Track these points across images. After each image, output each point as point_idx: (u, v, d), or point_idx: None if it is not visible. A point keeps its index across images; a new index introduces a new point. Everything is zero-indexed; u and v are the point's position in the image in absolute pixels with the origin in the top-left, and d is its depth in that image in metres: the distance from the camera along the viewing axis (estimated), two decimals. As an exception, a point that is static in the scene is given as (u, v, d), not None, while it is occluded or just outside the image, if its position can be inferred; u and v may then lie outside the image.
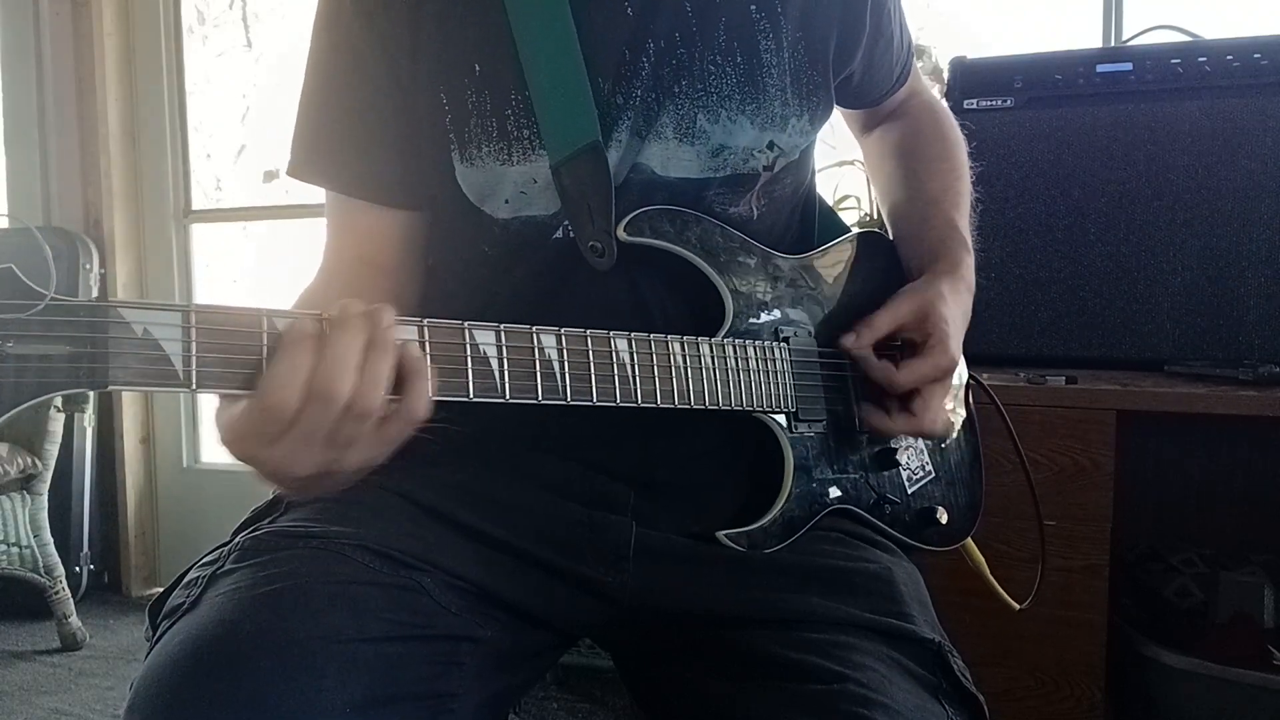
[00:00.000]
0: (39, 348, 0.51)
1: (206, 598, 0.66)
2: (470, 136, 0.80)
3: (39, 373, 0.51)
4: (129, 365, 0.53)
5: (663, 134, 0.80)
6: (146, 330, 0.54)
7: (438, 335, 0.63)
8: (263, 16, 2.97)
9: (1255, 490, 1.69)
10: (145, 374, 0.54)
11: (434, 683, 0.68)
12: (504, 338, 0.66)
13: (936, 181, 0.99)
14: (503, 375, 0.66)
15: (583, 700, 2.01)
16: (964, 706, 0.75)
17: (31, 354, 0.51)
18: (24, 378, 0.50)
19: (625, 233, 0.78)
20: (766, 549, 0.80)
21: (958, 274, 0.90)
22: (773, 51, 0.83)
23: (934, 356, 0.83)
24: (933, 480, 0.94)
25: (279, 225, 2.94)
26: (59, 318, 0.52)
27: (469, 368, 0.64)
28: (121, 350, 0.53)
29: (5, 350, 0.50)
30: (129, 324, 0.53)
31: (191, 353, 0.55)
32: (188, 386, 0.54)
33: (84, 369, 0.52)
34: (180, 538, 2.91)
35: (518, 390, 0.66)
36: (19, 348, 0.50)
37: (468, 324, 0.65)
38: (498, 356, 0.65)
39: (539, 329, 0.68)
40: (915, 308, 0.85)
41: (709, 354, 0.78)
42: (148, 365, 0.54)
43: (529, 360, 0.67)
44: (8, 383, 0.50)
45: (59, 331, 0.51)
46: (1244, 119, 1.44)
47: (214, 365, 0.55)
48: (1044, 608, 1.34)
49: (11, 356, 0.50)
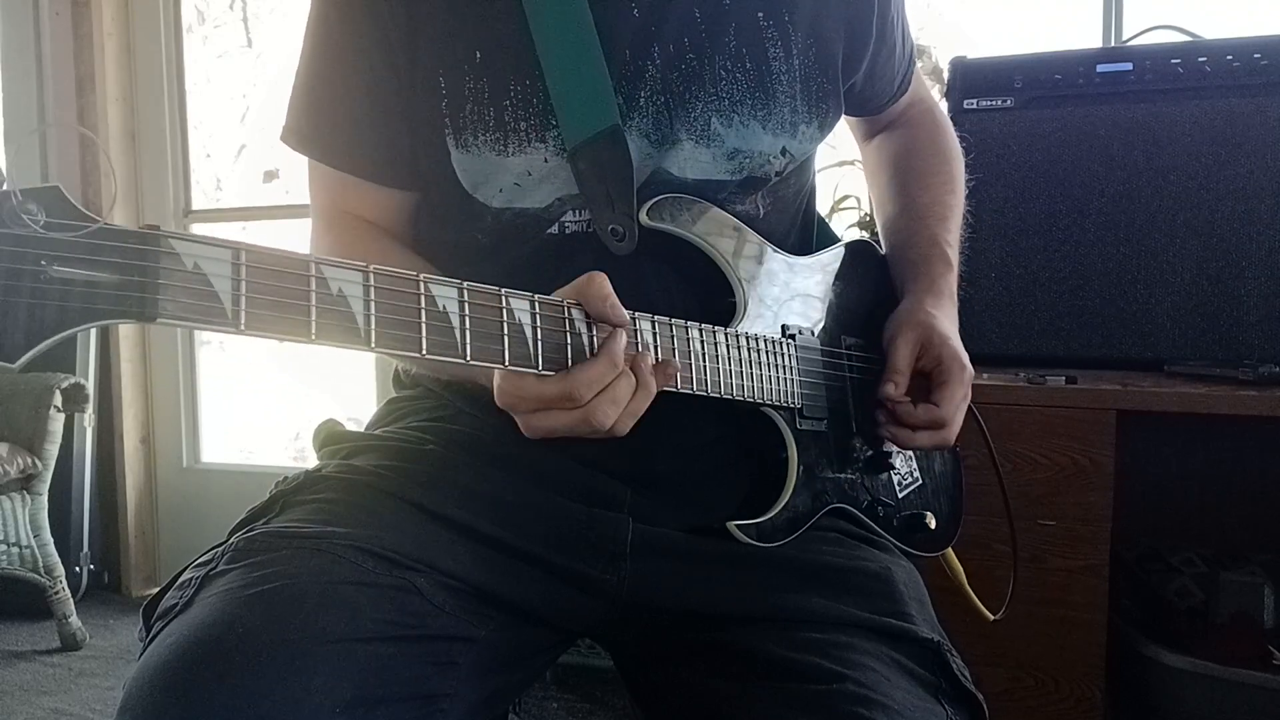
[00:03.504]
0: (85, 273, 0.48)
1: (199, 599, 0.66)
2: (465, 123, 0.80)
3: (85, 298, 0.48)
4: (178, 299, 0.51)
5: (679, 139, 0.81)
6: (197, 264, 0.52)
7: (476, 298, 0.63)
8: (263, 16, 2.98)
9: (1255, 490, 1.69)
10: (194, 310, 0.51)
11: (426, 683, 0.68)
12: (538, 307, 0.66)
13: (926, 195, 1.01)
14: (536, 345, 0.65)
15: (583, 700, 2.01)
16: (964, 706, 0.75)
17: (76, 278, 0.48)
18: (69, 302, 0.48)
19: (647, 217, 0.78)
20: (774, 542, 0.80)
21: (936, 288, 0.92)
22: (781, 59, 0.83)
23: (957, 377, 0.86)
24: (920, 487, 0.95)
25: (279, 225, 2.94)
26: (108, 242, 0.49)
27: (505, 335, 0.64)
28: (172, 282, 0.51)
29: (50, 273, 0.47)
30: (179, 255, 0.51)
31: (241, 292, 0.53)
32: (235, 327, 0.53)
33: (133, 298, 0.49)
34: (180, 538, 2.91)
35: (549, 363, 0.66)
36: (64, 270, 0.47)
37: (505, 291, 0.65)
38: (532, 325, 0.65)
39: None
40: (915, 337, 0.87)
41: (725, 343, 0.78)
42: (197, 301, 0.51)
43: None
44: (51, 305, 0.47)
45: (107, 257, 0.49)
46: (1244, 119, 1.44)
47: (262, 308, 0.54)
48: (1044, 608, 1.35)
49: (56, 280, 0.47)
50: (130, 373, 2.88)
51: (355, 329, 0.57)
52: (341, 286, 0.57)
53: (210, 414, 3.00)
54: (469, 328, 0.62)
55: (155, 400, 2.96)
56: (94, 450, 2.79)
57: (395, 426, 0.89)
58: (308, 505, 0.76)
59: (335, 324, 0.57)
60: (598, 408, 0.66)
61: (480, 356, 0.63)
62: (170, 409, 2.94)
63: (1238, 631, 1.45)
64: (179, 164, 2.90)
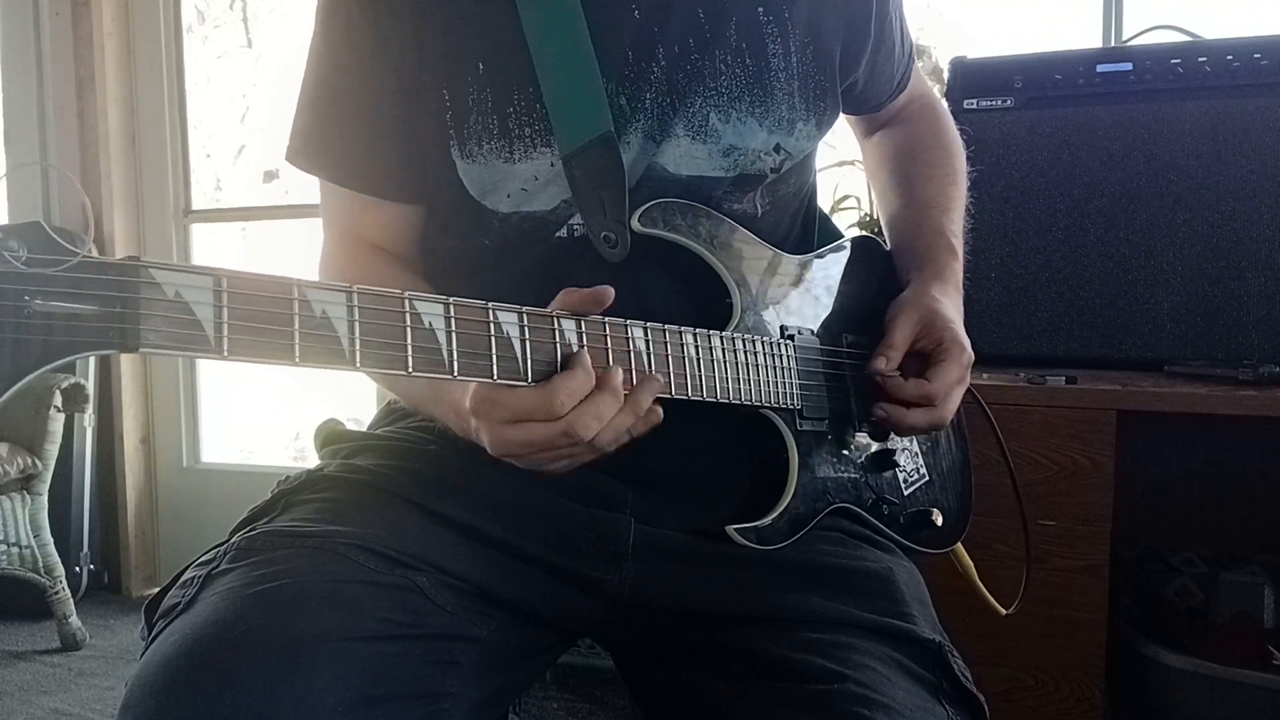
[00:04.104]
0: (67, 305, 0.49)
1: (202, 597, 0.66)
2: (470, 133, 0.80)
3: (67, 331, 0.49)
4: (160, 328, 0.51)
5: (675, 134, 0.81)
6: (178, 293, 0.52)
7: (463, 313, 0.63)
8: (263, 16, 2.97)
9: (1255, 490, 1.69)
10: (176, 338, 0.52)
11: (428, 682, 0.68)
12: (526, 319, 0.66)
13: (929, 188, 1.01)
14: (525, 358, 0.65)
15: (583, 700, 2.01)
16: (964, 706, 0.75)
17: (58, 311, 0.49)
18: (52, 336, 0.48)
19: (639, 223, 0.78)
20: (774, 545, 0.80)
21: (943, 276, 0.92)
22: (780, 56, 0.84)
23: (955, 358, 0.85)
24: (927, 484, 0.95)
25: (279, 225, 2.94)
26: (88, 275, 0.49)
27: (492, 350, 0.64)
28: (153, 312, 0.51)
29: (32, 307, 0.48)
30: (160, 285, 0.51)
31: (223, 319, 0.53)
32: (219, 353, 0.53)
33: (114, 329, 0.50)
34: (180, 538, 2.91)
35: (539, 374, 0.66)
36: (46, 305, 0.48)
37: (492, 305, 0.64)
38: (520, 339, 0.65)
39: (559, 313, 0.68)
40: (918, 318, 0.87)
41: (720, 347, 0.78)
42: (178, 329, 0.52)
43: (550, 345, 0.66)
44: (35, 340, 0.48)
45: (88, 289, 0.49)
46: (1244, 119, 1.44)
47: (245, 334, 0.54)
48: (1044, 608, 1.35)
49: (39, 314, 0.48)
50: (130, 373, 2.88)
51: (340, 350, 0.58)
52: (325, 308, 0.57)
53: (210, 414, 3.00)
54: (455, 344, 0.62)
55: (155, 400, 2.96)
56: (94, 450, 2.79)
57: (396, 426, 0.89)
58: (310, 504, 0.76)
59: (319, 346, 0.57)
60: (578, 419, 0.65)
61: (468, 371, 0.63)
62: (170, 409, 2.94)
63: (1238, 631, 1.45)
64: (179, 164, 2.90)
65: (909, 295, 0.90)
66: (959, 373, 0.86)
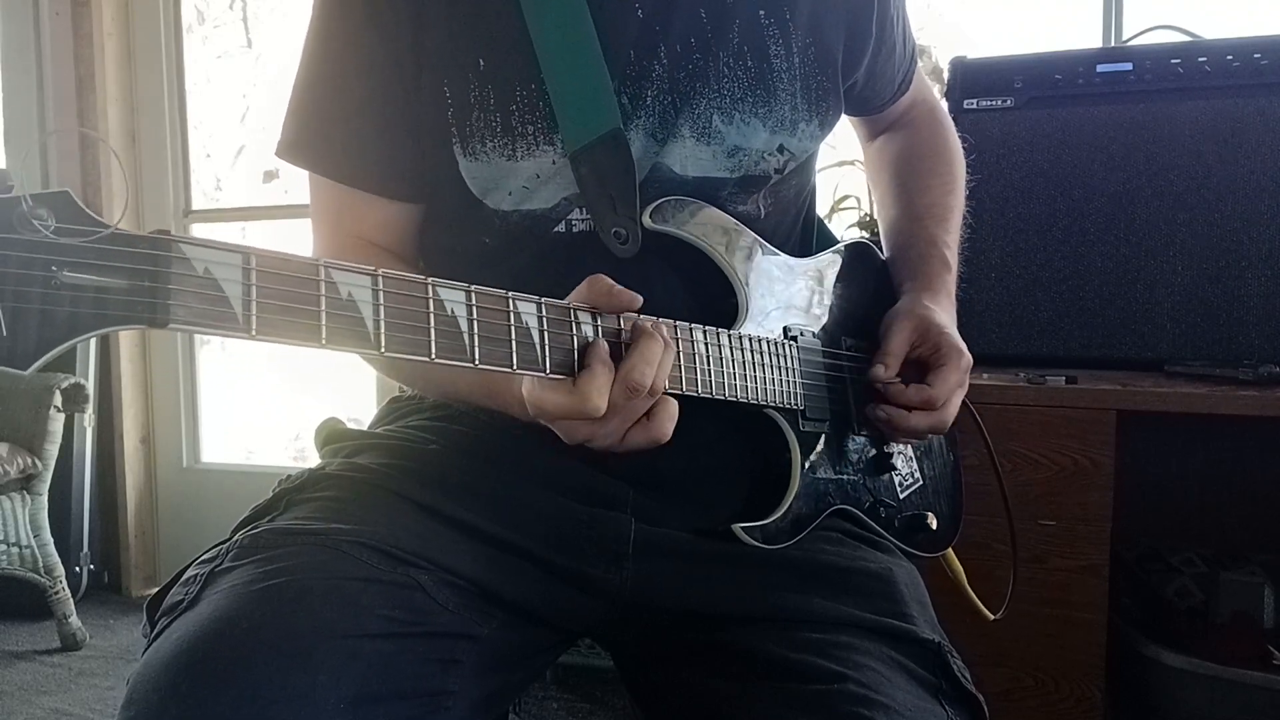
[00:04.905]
0: (95, 279, 0.47)
1: (205, 595, 0.66)
2: (472, 130, 0.80)
3: (95, 304, 0.48)
4: (189, 304, 0.50)
5: (681, 135, 0.81)
6: (208, 269, 0.51)
7: (483, 302, 0.63)
8: (263, 16, 2.98)
9: (1255, 490, 1.69)
10: (206, 315, 0.51)
11: (430, 680, 0.68)
12: (545, 310, 0.66)
13: (926, 197, 1.02)
14: (544, 349, 0.65)
15: (583, 700, 2.01)
16: (964, 706, 0.75)
17: (86, 284, 0.47)
18: (79, 308, 0.47)
19: (650, 220, 0.78)
20: (778, 544, 0.81)
21: (934, 287, 0.93)
22: (782, 56, 0.84)
23: (954, 362, 0.86)
24: (921, 488, 0.95)
25: (278, 225, 2.94)
26: (117, 247, 0.48)
27: (512, 339, 0.63)
28: (183, 288, 0.50)
29: (60, 278, 0.46)
30: (190, 260, 0.50)
31: (252, 297, 0.52)
32: (247, 332, 0.52)
33: (143, 304, 0.49)
34: (180, 538, 2.91)
35: (557, 366, 0.66)
36: (74, 277, 0.47)
37: (511, 294, 0.64)
38: (539, 329, 0.65)
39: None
40: (913, 326, 0.88)
41: (728, 345, 0.78)
42: (209, 306, 0.51)
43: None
44: (62, 312, 0.47)
45: (117, 263, 0.48)
46: (1244, 119, 1.44)
47: (273, 313, 0.53)
48: (1044, 608, 1.35)
49: (67, 285, 0.47)
50: (130, 373, 2.88)
51: (365, 333, 0.57)
52: (351, 290, 0.57)
53: (210, 414, 3.00)
54: (477, 332, 0.62)
55: (155, 400, 2.96)
56: (94, 450, 2.79)
57: (397, 425, 0.89)
58: (312, 502, 0.76)
59: (345, 329, 0.56)
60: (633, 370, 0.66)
61: (489, 360, 0.62)
62: (170, 409, 2.94)
63: (1238, 631, 1.45)
64: (179, 164, 2.90)
65: (902, 305, 0.91)
66: (958, 377, 0.87)
